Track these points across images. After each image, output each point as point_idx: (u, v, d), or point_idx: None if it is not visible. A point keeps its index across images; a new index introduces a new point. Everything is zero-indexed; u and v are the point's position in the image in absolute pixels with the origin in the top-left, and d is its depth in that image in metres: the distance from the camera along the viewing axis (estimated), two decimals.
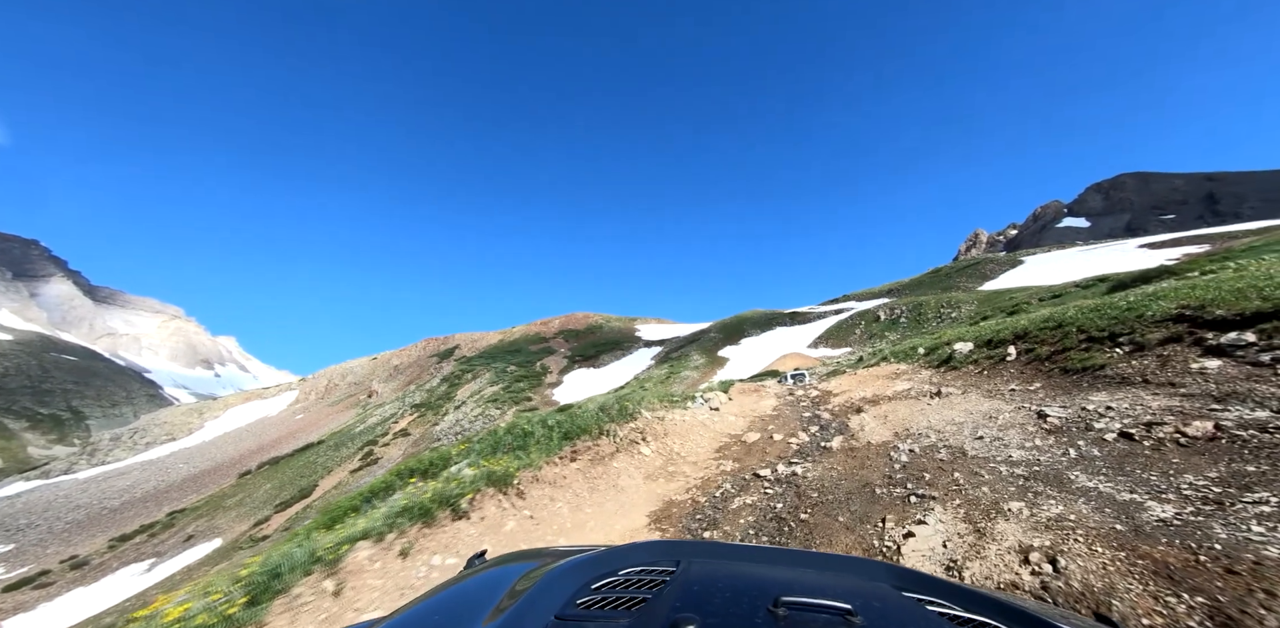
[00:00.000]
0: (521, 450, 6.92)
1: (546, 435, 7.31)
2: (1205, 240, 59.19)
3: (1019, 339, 10.67)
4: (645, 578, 0.91)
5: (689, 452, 8.69)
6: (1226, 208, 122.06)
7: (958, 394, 9.07)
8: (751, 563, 1.03)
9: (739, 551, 1.16)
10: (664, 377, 63.89)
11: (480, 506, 4.47)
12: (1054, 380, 7.62)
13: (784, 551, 1.18)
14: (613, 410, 8.38)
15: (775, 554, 1.13)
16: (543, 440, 7.19)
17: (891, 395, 10.81)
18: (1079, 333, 8.56)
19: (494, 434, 7.54)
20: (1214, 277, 7.84)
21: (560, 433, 7.13)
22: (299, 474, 63.15)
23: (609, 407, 8.51)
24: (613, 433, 7.64)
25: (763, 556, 1.12)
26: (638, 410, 8.99)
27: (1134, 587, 2.21)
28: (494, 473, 5.00)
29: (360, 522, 3.98)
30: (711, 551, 1.14)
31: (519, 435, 7.35)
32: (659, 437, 8.92)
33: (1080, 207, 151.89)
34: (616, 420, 8.15)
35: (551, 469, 5.92)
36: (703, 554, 1.06)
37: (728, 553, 1.12)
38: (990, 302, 49.34)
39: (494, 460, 6.29)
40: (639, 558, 1.02)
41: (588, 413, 7.98)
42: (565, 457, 6.44)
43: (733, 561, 1.04)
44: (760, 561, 1.06)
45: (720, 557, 1.07)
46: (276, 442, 79.92)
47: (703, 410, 12.35)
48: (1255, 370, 5.01)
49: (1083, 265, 58.22)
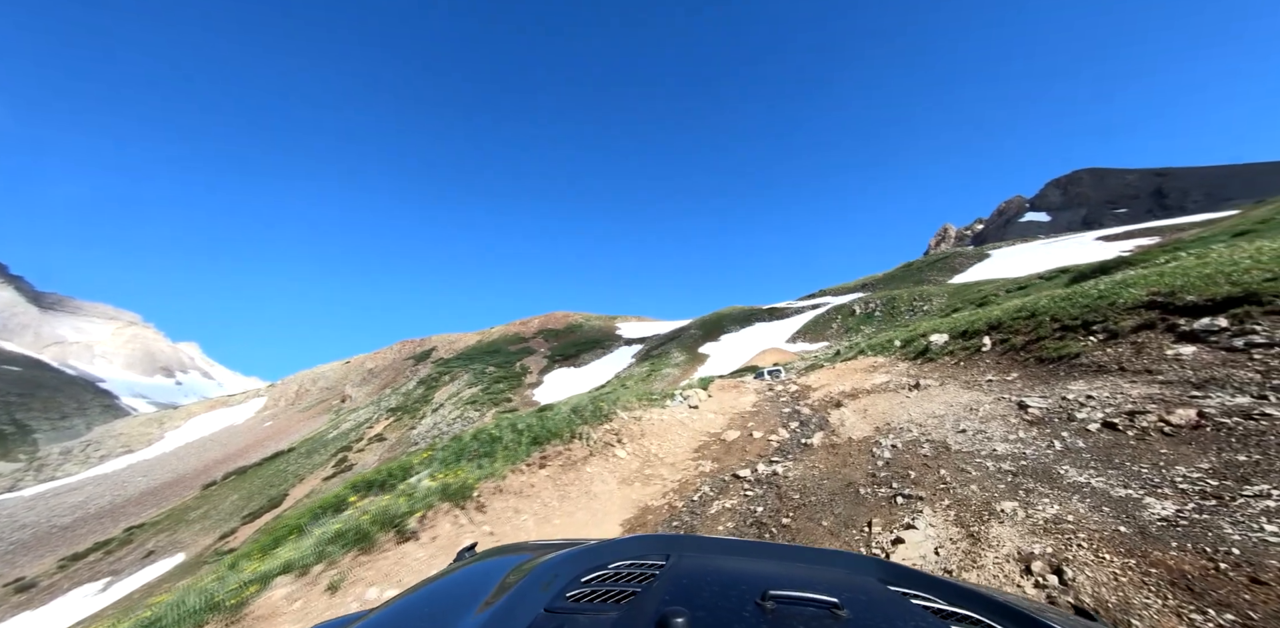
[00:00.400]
0: (488, 458, 6.49)
1: (515, 441, 6.88)
2: (1155, 232, 62.09)
3: (993, 329, 10.71)
4: (635, 572, 0.90)
5: (667, 452, 8.38)
6: (1173, 201, 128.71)
7: (936, 386, 9.00)
8: (740, 557, 1.04)
9: (728, 545, 1.17)
10: (645, 375, 63.74)
11: (433, 524, 4.03)
12: (1030, 370, 7.58)
13: (772, 545, 1.20)
14: (586, 412, 8.00)
15: (764, 549, 1.17)
16: (511, 446, 6.77)
17: (870, 389, 10.72)
18: (1052, 322, 8.57)
19: (459, 441, 7.07)
20: (1178, 264, 7.93)
21: (530, 438, 6.71)
22: (268, 484, 60.92)
23: (582, 408, 8.11)
24: (586, 436, 7.27)
25: (752, 550, 1.14)
26: (613, 411, 8.63)
27: (1152, 602, 1.98)
28: (449, 487, 4.56)
29: (283, 552, 3.49)
30: (701, 545, 1.14)
31: (486, 442, 6.91)
32: (635, 438, 8.59)
33: (1041, 201, 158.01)
34: (590, 423, 7.77)
35: (518, 478, 5.50)
36: (692, 548, 1.07)
37: (717, 547, 1.13)
38: (960, 294, 50.71)
39: (456, 470, 5.85)
40: (629, 552, 1.02)
41: (560, 416, 7.58)
42: (534, 463, 6.03)
43: (722, 555, 1.05)
44: (749, 555, 1.07)
45: (709, 551, 1.08)
46: (244, 451, 76.75)
47: (681, 409, 12.07)
48: (1230, 356, 4.97)
49: (1045, 258, 60.38)
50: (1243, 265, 6.47)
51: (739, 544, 1.18)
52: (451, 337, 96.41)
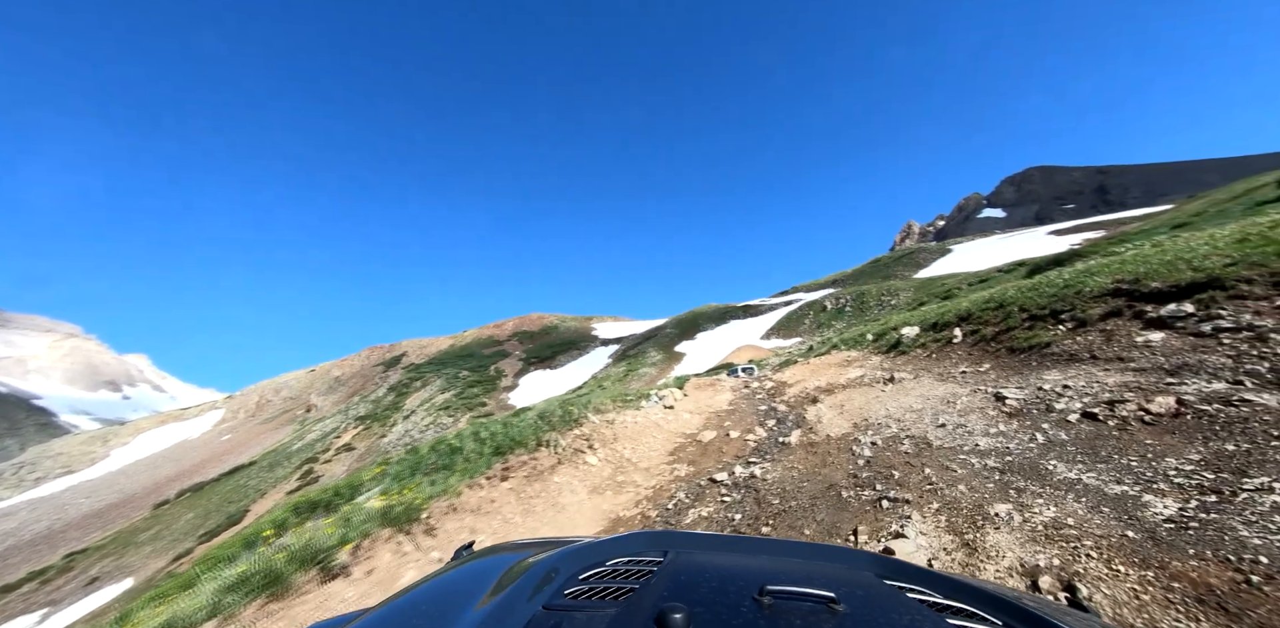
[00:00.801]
0: (446, 471, 5.98)
1: (477, 451, 6.39)
2: (1101, 227, 65.59)
3: (963, 321, 10.77)
4: (633, 569, 0.90)
5: (641, 457, 8.01)
6: (1115, 197, 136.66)
7: (910, 379, 8.92)
8: (738, 553, 1.05)
9: (726, 541, 1.18)
10: (622, 375, 63.46)
11: (370, 554, 3.52)
12: (1003, 361, 7.55)
13: (769, 541, 1.21)
14: (555, 417, 7.54)
15: (761, 544, 1.18)
16: (472, 458, 6.27)
17: (845, 384, 10.62)
18: (1021, 312, 8.60)
19: (415, 453, 6.52)
20: (1138, 252, 8.07)
21: (492, 448, 6.23)
22: (227, 500, 57.95)
23: (550, 413, 7.65)
24: (554, 443, 6.82)
25: (749, 546, 1.16)
26: (584, 415, 8.20)
27: (1184, 626, 1.72)
28: (392, 509, 4.05)
29: (162, 609, 2.93)
30: (699, 541, 1.14)
31: (445, 453, 6.38)
32: (608, 443, 8.18)
33: (997, 198, 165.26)
34: (559, 428, 7.33)
35: (475, 493, 5.02)
36: (690, 545, 1.07)
37: (715, 544, 1.13)
38: (925, 288, 52.28)
39: (408, 487, 5.33)
40: (627, 549, 1.02)
41: (525, 422, 7.11)
42: (495, 476, 5.56)
43: (720, 551, 1.06)
44: (747, 551, 1.09)
45: (707, 547, 1.08)
46: (199, 466, 72.71)
47: (656, 409, 11.73)
48: (1200, 341, 4.94)
49: (1003, 252, 62.96)
50: (1200, 252, 6.56)
51: (736, 540, 1.19)
52: (423, 341, 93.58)
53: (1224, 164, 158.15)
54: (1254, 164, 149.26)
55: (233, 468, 68.33)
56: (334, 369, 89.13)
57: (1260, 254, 5.46)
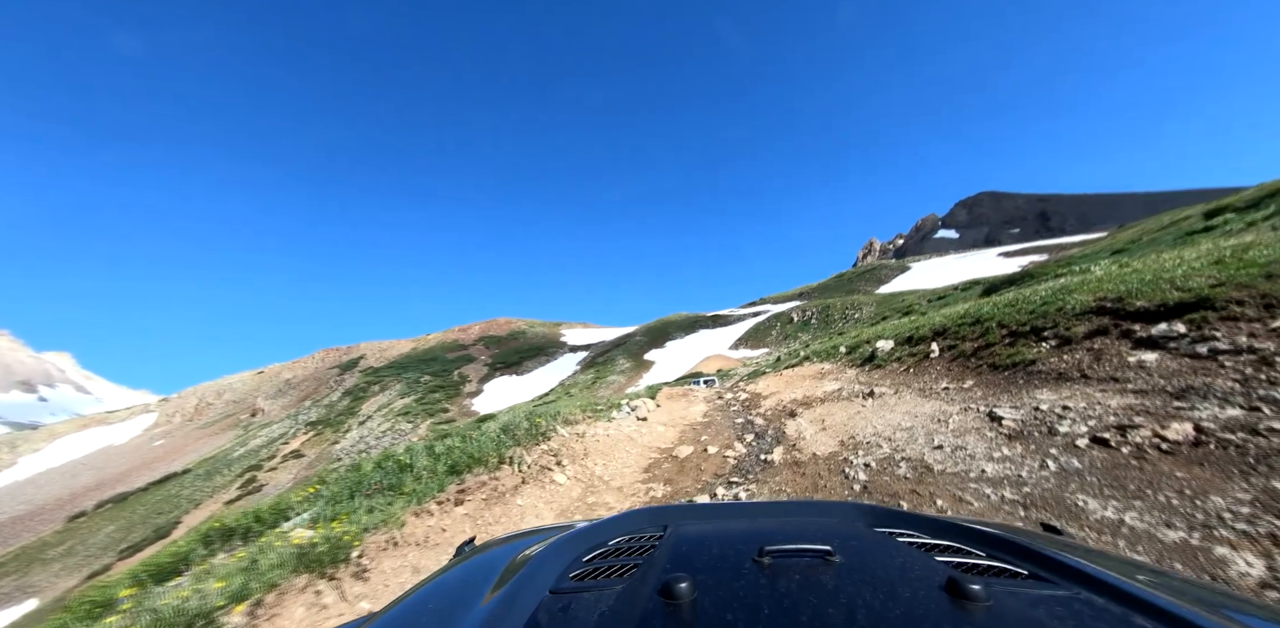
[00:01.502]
0: (393, 492, 5.16)
1: (430, 468, 5.58)
2: (1044, 250, 69.78)
3: (938, 336, 10.70)
4: (635, 545, 0.91)
5: (614, 474, 7.36)
6: (1055, 223, 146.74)
7: (890, 394, 8.66)
8: (734, 519, 1.06)
9: (722, 509, 1.19)
10: (590, 382, 62.37)
11: (275, 612, 2.69)
12: (986, 378, 7.35)
13: (763, 504, 1.26)
14: (520, 431, 6.81)
15: (756, 508, 1.22)
16: (424, 476, 5.47)
17: (823, 397, 10.32)
18: (1000, 328, 8.51)
19: (357, 470, 5.65)
20: (1113, 271, 8.13)
21: (447, 466, 5.45)
22: (155, 511, 53.19)
23: (515, 426, 6.91)
24: (518, 460, 6.09)
25: (744, 511, 1.18)
26: (551, 428, 7.48)
27: None
28: (312, 549, 3.25)
29: None
30: (696, 512, 1.15)
31: (392, 471, 5.55)
32: (577, 459, 7.49)
33: (951, 220, 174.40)
34: (524, 443, 6.59)
35: (423, 522, 4.26)
36: (688, 517, 1.09)
37: (712, 513, 1.15)
38: (887, 303, 53.90)
39: (344, 513, 4.51)
40: (627, 527, 1.04)
41: (486, 437, 6.35)
42: (448, 500, 4.80)
43: (716, 519, 1.07)
44: (742, 516, 1.10)
45: (704, 517, 1.10)
46: (125, 474, 66.60)
47: (629, 421, 11.10)
48: (1197, 363, 4.78)
49: (958, 271, 65.97)
50: (1179, 272, 6.55)
51: (731, 507, 1.22)
52: (383, 344, 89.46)
53: (1146, 197, 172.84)
54: (1172, 199, 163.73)
55: (164, 476, 62.94)
56: (284, 371, 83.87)
57: (1245, 275, 5.41)
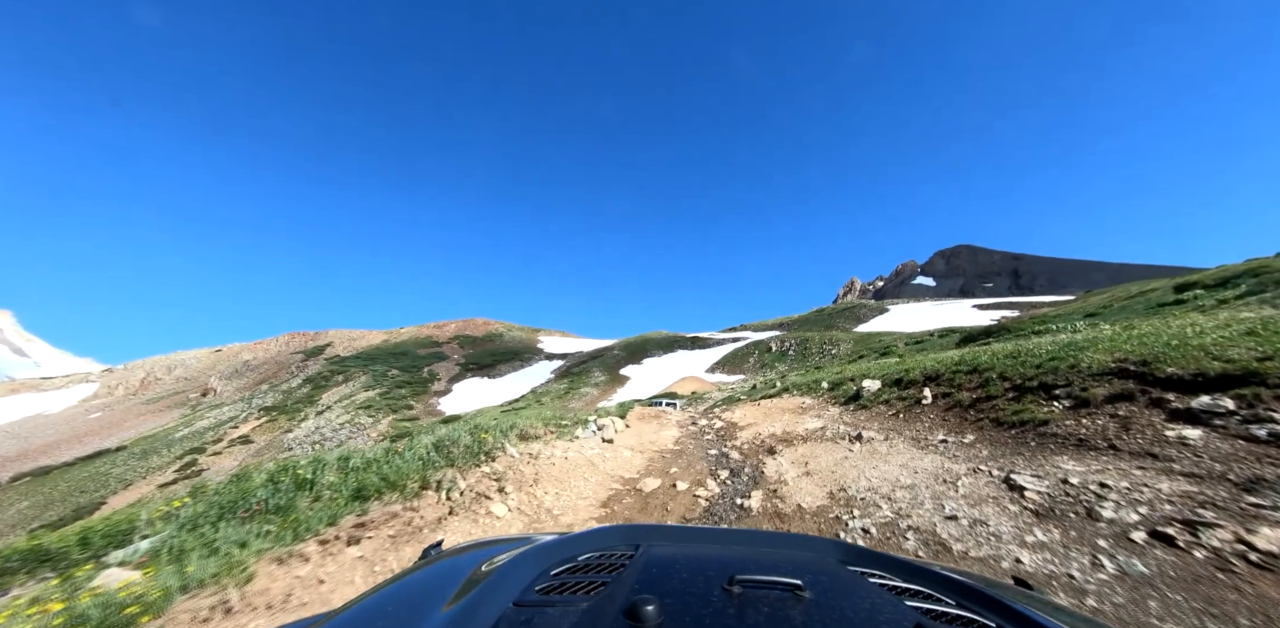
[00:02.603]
0: (280, 516, 4.03)
1: (335, 488, 4.46)
2: (1015, 307, 71.58)
3: (930, 381, 10.00)
4: (604, 562, 0.90)
5: (566, 506, 6.27)
6: (1026, 282, 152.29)
7: (880, 440, 7.83)
8: (708, 544, 1.04)
9: (696, 533, 1.16)
10: (563, 392, 60.61)
11: None
12: (989, 434, 6.58)
13: (738, 531, 1.22)
14: (457, 448, 5.69)
15: (730, 535, 1.20)
16: (325, 497, 4.34)
17: (804, 435, 9.44)
18: (1001, 380, 7.81)
19: (241, 482, 4.48)
20: (1118, 332, 7.56)
21: (353, 488, 4.33)
22: (79, 489, 49.02)
23: (452, 442, 5.78)
24: (449, 485, 4.98)
25: (718, 537, 1.16)
26: (498, 446, 6.38)
27: None
28: (83, 620, 2.13)
29: None
30: (669, 534, 1.13)
31: (286, 488, 4.41)
32: (525, 485, 6.38)
33: (930, 268, 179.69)
34: (460, 463, 5.48)
35: (287, 573, 3.14)
36: (661, 537, 1.07)
37: (685, 536, 1.12)
38: (864, 343, 54.06)
39: (205, 541, 3.38)
40: (598, 543, 1.02)
41: (412, 454, 5.22)
42: (339, 537, 3.67)
43: (690, 542, 1.05)
44: (717, 542, 1.08)
45: (677, 540, 1.07)
46: (52, 446, 61.59)
47: (593, 442, 10.02)
48: (1259, 448, 4.05)
49: (934, 317, 66.99)
50: (1207, 339, 5.94)
51: (706, 532, 1.18)
52: (353, 333, 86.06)
53: (1112, 267, 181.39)
54: (1135, 271, 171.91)
55: (96, 452, 58.37)
56: (244, 352, 79.66)
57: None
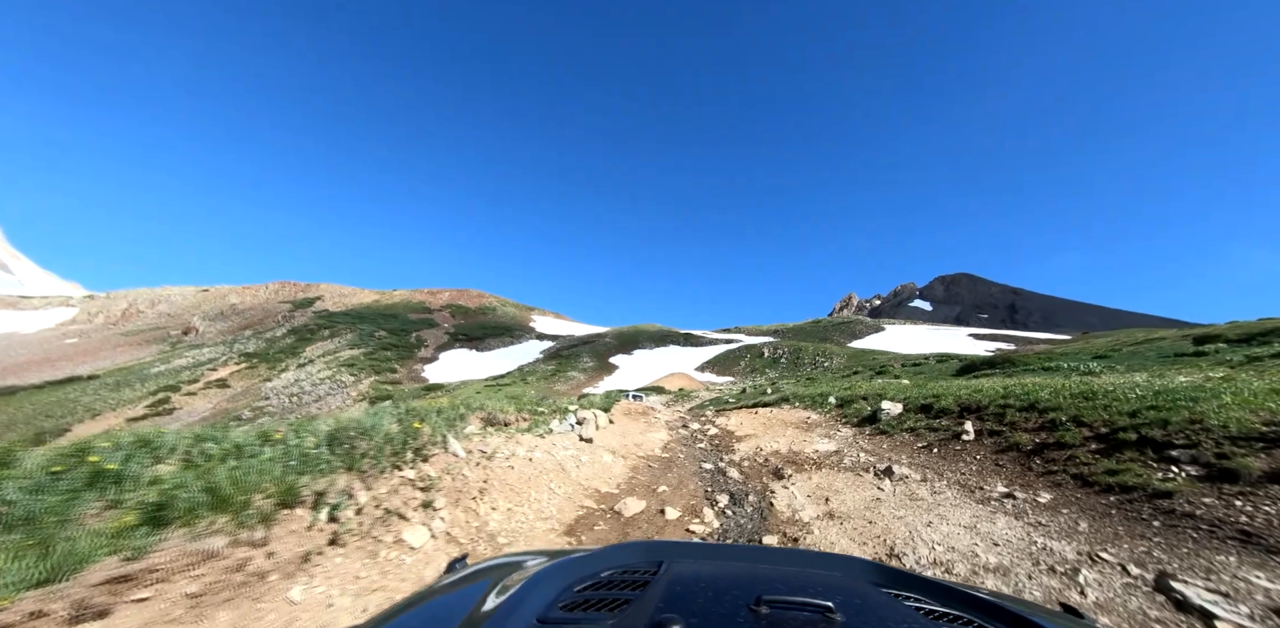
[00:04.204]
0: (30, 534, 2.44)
1: (122, 500, 2.83)
2: (1011, 340, 70.50)
3: (969, 412, 8.46)
4: (628, 579, 0.88)
5: (518, 531, 4.67)
6: (1021, 317, 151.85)
7: (917, 480, 6.28)
8: (734, 562, 1.01)
9: (721, 550, 1.12)
10: (550, 373, 59.09)
11: None
12: (1073, 496, 5.03)
13: (766, 549, 1.21)
14: (369, 441, 4.03)
15: (757, 553, 1.17)
16: (84, 519, 2.72)
17: (817, 458, 7.90)
18: (1076, 427, 6.26)
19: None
20: (1255, 386, 6.00)
21: (152, 510, 2.70)
22: (43, 413, 47.19)
23: (359, 433, 4.07)
24: (335, 500, 3.37)
25: (744, 554, 1.12)
26: (438, 440, 4.75)
27: None
28: None
29: None
30: (694, 551, 1.09)
31: (63, 491, 2.78)
32: (466, 497, 4.75)
33: (928, 292, 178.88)
34: (366, 467, 3.84)
35: None
36: (685, 554, 1.03)
37: (710, 553, 1.09)
38: (859, 359, 52.74)
39: None
40: (622, 560, 1.00)
41: (281, 452, 3.54)
42: (81, 603, 2.07)
43: (715, 560, 1.02)
44: (743, 559, 1.05)
45: (702, 557, 1.04)
46: (21, 367, 59.47)
47: (568, 439, 8.42)
48: None
49: (930, 341, 65.80)
50: None
51: (732, 549, 1.16)
52: (344, 289, 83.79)
53: (1106, 311, 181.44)
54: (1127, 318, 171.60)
55: (67, 378, 56.39)
56: (232, 295, 77.29)
57: None
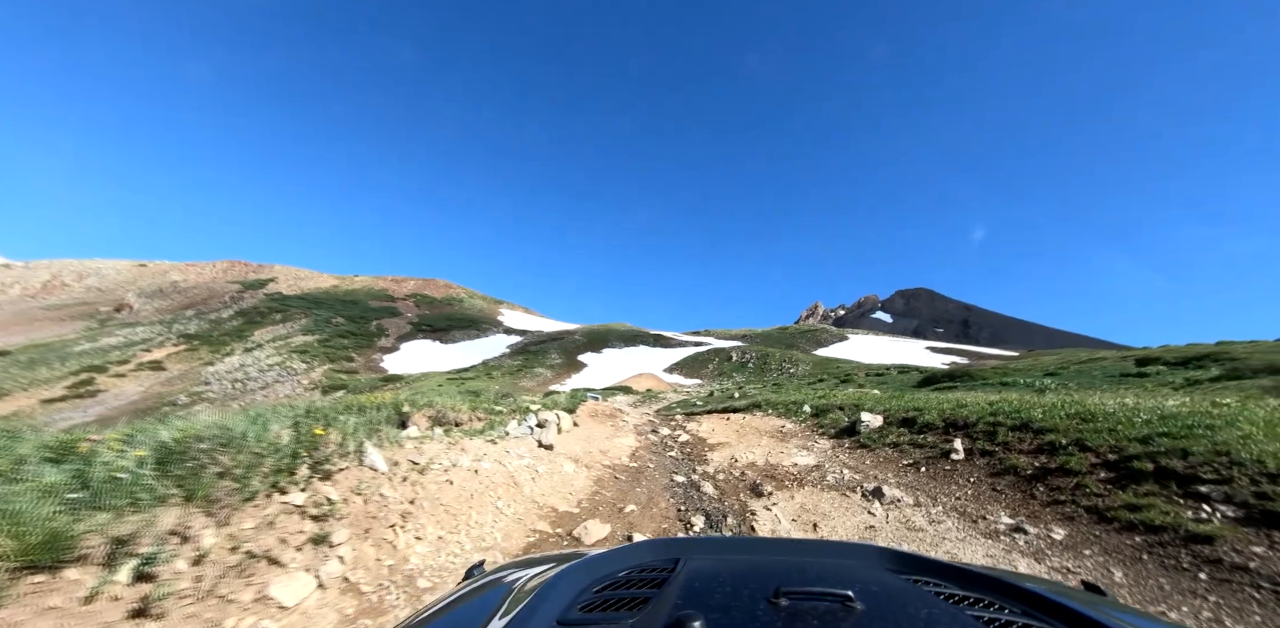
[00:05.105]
0: None
1: None
2: (964, 354, 73.43)
3: (956, 428, 7.96)
4: (646, 577, 0.87)
5: (449, 565, 3.66)
6: (974, 332, 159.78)
7: (910, 505, 5.63)
8: (750, 555, 1.01)
9: (738, 544, 1.13)
10: (516, 368, 57.18)
11: None
12: (1090, 533, 4.45)
13: (781, 541, 1.20)
14: (235, 455, 2.93)
15: (773, 545, 1.15)
16: None
17: (797, 473, 7.19)
18: (1081, 451, 5.76)
19: None
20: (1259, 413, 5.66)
21: None
22: None
23: (218, 440, 2.94)
24: (155, 546, 2.32)
25: (760, 547, 1.12)
26: (346, 452, 3.68)
27: None
28: None
29: None
30: (710, 546, 1.09)
31: None
32: (379, 526, 3.69)
33: (889, 305, 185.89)
34: (211, 495, 2.78)
35: None
36: (702, 550, 1.04)
37: (727, 547, 1.09)
38: (824, 367, 53.45)
39: None
40: (639, 558, 0.99)
41: (65, 471, 2.43)
42: None
43: (731, 554, 1.02)
44: (758, 552, 1.05)
45: (718, 551, 1.04)
46: None
47: (525, 445, 7.39)
48: None
49: (891, 353, 67.74)
50: None
51: (747, 542, 1.14)
52: (301, 272, 78.79)
53: (1045, 330, 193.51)
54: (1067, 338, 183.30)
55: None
56: (174, 272, 71.28)
57: None
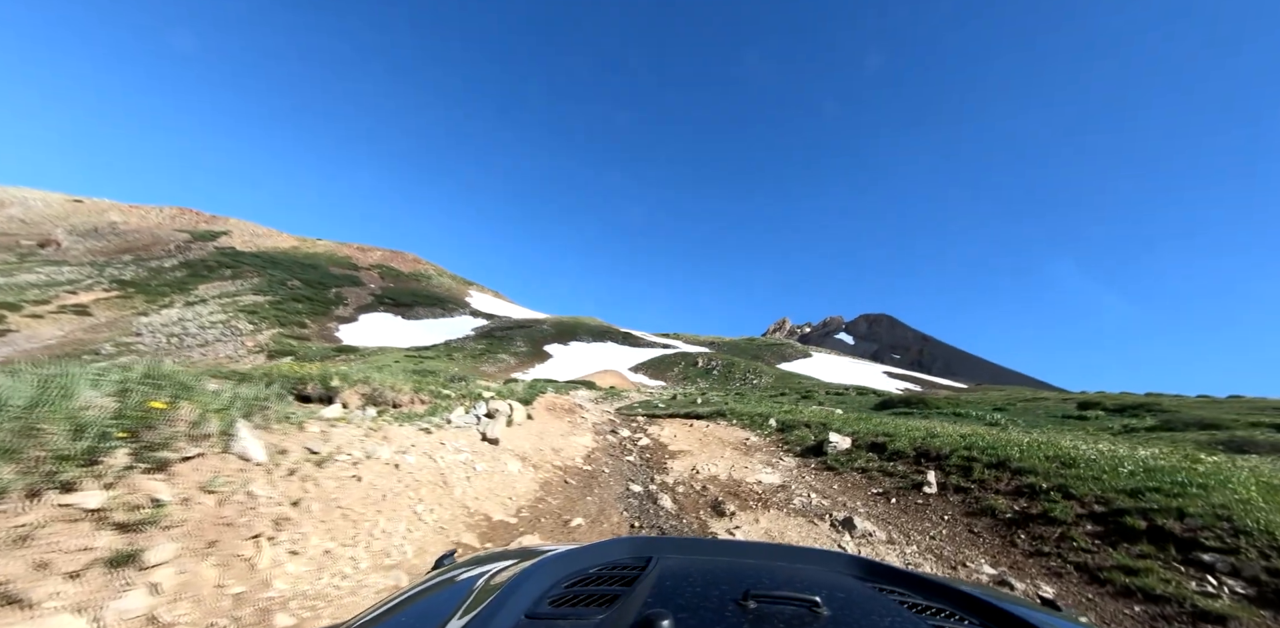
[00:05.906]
0: None
1: None
2: (917, 382, 76.16)
3: (928, 459, 7.58)
4: (617, 575, 0.86)
5: (330, 593, 2.80)
6: (927, 362, 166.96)
7: (883, 540, 5.11)
8: (722, 557, 1.01)
9: (710, 546, 1.12)
10: (479, 352, 55.18)
11: None
12: (1080, 593, 3.98)
13: (753, 544, 1.19)
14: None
15: (745, 548, 1.16)
16: None
17: (761, 493, 6.61)
18: (1063, 497, 5.41)
19: None
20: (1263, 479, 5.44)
21: None
22: None
23: None
24: None
25: (733, 549, 1.12)
26: (207, 433, 2.79)
27: None
28: None
29: None
30: (682, 546, 1.08)
31: None
32: (233, 536, 2.75)
33: (853, 328, 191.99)
34: None
35: None
36: (674, 550, 1.03)
37: (699, 548, 1.08)
38: (786, 381, 54.09)
39: None
40: (611, 555, 0.98)
41: None
42: None
43: (703, 555, 1.02)
44: (730, 555, 1.05)
45: (691, 552, 1.04)
46: None
47: (467, 437, 6.50)
48: None
49: (851, 374, 69.47)
50: None
51: (720, 544, 1.15)
52: (258, 229, 73.84)
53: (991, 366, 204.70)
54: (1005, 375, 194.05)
55: None
56: (113, 212, 65.34)
57: None
